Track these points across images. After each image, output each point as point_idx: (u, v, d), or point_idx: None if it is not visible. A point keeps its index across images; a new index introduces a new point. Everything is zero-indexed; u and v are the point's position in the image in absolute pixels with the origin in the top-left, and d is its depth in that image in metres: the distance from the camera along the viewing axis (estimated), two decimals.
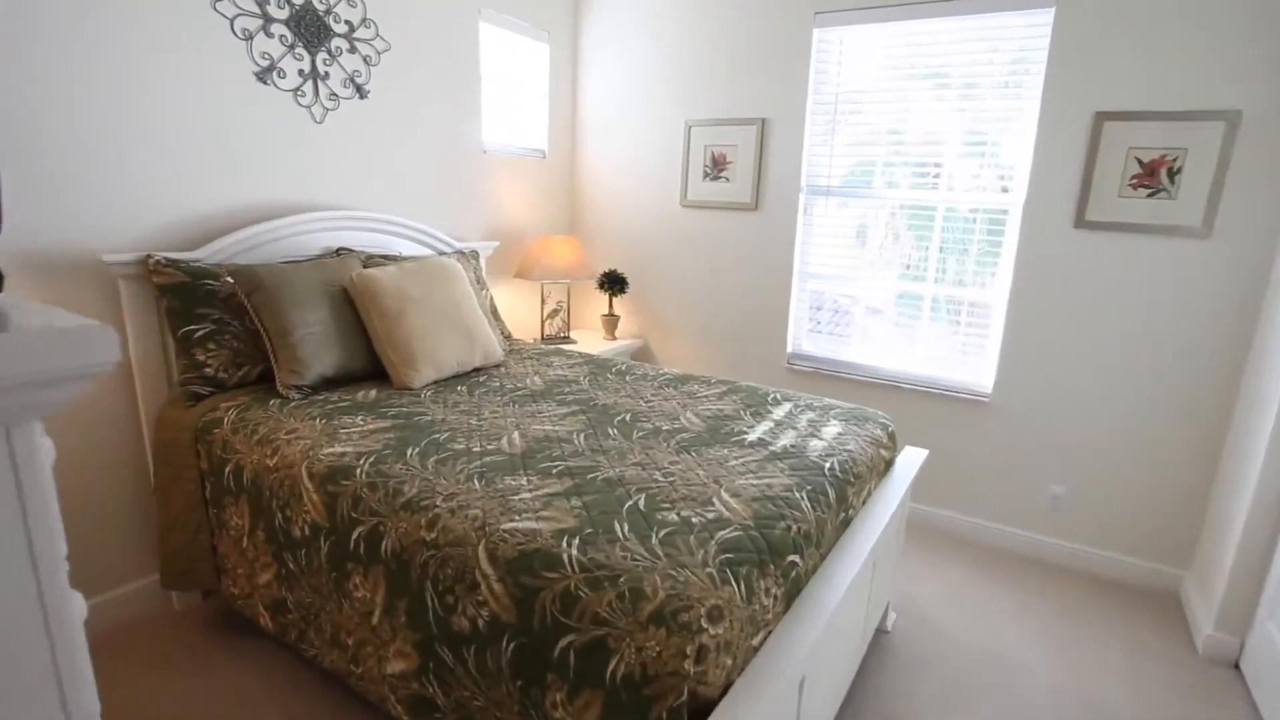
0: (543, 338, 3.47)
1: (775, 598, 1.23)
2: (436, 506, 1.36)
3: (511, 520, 1.29)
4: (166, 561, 1.98)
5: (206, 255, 2.11)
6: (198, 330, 2.00)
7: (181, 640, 2.06)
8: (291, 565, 1.65)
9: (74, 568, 2.04)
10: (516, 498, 1.38)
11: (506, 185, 3.38)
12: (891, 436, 2.04)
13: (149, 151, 2.04)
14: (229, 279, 2.06)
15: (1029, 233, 2.57)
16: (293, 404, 1.93)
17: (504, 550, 1.22)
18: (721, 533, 1.26)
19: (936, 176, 2.80)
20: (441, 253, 2.89)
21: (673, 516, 1.31)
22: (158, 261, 1.97)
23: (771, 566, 1.24)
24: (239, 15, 2.20)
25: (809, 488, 1.51)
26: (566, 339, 3.49)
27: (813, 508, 1.45)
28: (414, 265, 2.34)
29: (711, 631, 1.06)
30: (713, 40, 3.18)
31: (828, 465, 1.65)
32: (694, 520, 1.30)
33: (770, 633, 1.22)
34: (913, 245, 2.92)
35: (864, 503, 1.77)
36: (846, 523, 1.63)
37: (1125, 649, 2.17)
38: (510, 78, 3.32)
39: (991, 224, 2.72)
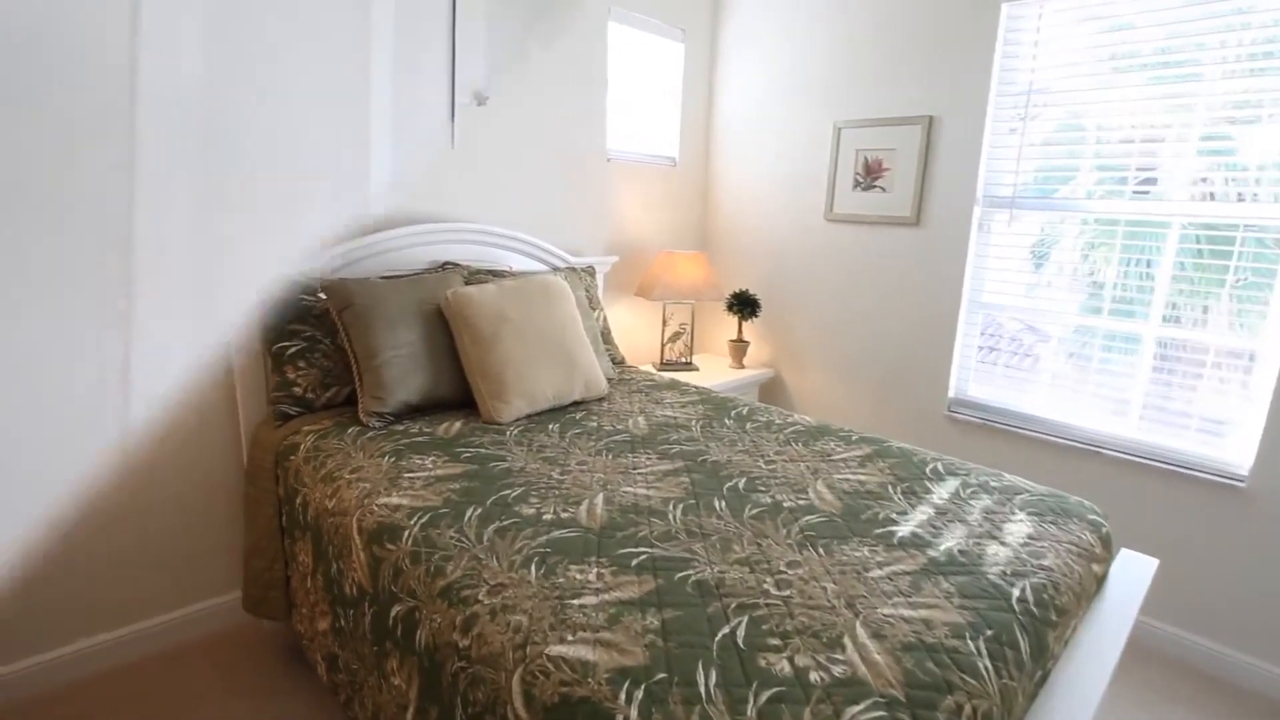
0: (661, 363, 3.16)
1: None
2: (478, 601, 1.08)
3: (561, 640, 0.97)
4: (247, 585, 1.89)
5: (309, 268, 2.03)
6: (290, 347, 1.91)
7: (259, 662, 1.98)
8: (343, 622, 1.45)
9: (176, 573, 2.06)
10: (577, 601, 1.06)
11: (631, 195, 3.12)
12: (1105, 541, 1.48)
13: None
14: (322, 294, 1.96)
15: None
16: (369, 435, 1.76)
17: (543, 689, 0.90)
18: (853, 709, 0.85)
19: (1154, 183, 2.13)
20: (555, 268, 2.67)
21: (782, 665, 0.92)
22: None
23: None
24: None
25: (989, 632, 1.04)
26: (688, 365, 3.16)
27: (995, 670, 0.98)
28: (514, 283, 2.12)
29: None
30: (870, 27, 2.70)
31: (1016, 593, 1.16)
32: (813, 677, 0.90)
33: None
34: (1125, 270, 2.26)
35: (1066, 645, 1.25)
36: (1043, 680, 1.14)
37: None
38: (639, 80, 3.05)
39: (1258, 245, 2.01)
